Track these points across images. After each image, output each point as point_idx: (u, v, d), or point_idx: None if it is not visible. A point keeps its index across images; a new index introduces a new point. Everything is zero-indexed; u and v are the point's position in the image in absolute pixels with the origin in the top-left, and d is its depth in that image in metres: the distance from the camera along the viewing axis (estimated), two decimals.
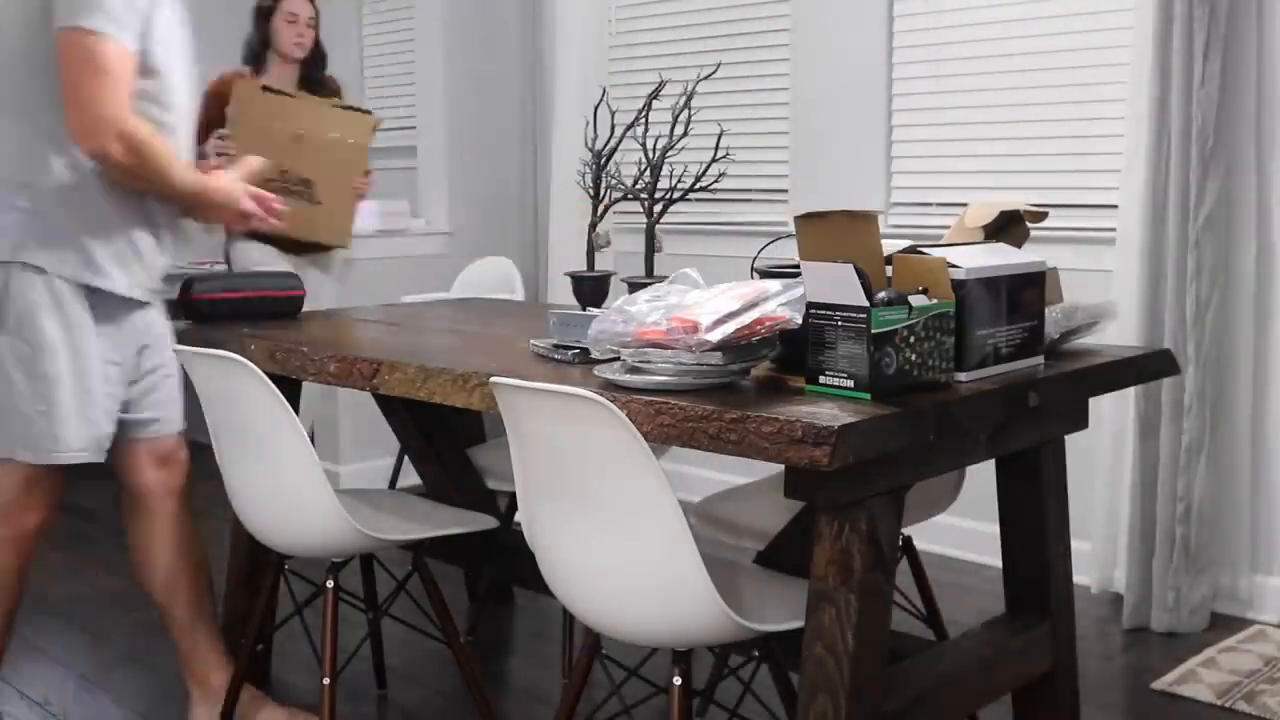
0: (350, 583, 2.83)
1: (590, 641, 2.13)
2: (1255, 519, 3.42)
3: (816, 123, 4.29)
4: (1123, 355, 2.28)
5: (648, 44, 4.79)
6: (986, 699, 2.27)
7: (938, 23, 3.98)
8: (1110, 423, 3.49)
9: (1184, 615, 3.33)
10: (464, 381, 2.11)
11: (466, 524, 2.59)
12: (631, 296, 2.01)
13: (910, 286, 1.89)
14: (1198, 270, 3.26)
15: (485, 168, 5.13)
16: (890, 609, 1.93)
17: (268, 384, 2.28)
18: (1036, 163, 3.80)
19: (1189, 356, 3.27)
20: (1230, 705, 2.88)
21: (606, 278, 2.63)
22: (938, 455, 1.97)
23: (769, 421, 1.70)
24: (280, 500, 2.39)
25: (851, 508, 1.82)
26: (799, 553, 2.06)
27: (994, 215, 2.27)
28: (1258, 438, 3.40)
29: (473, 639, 3.35)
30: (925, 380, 1.87)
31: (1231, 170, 3.29)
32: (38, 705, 2.96)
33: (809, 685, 1.86)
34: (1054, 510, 2.31)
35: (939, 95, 4.00)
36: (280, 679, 3.11)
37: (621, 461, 1.81)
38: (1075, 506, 2.47)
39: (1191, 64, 3.23)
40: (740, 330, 1.84)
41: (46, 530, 2.61)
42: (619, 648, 2.17)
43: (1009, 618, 2.37)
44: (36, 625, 3.44)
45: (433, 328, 2.79)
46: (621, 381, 1.90)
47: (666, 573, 1.86)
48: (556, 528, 1.97)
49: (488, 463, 3.05)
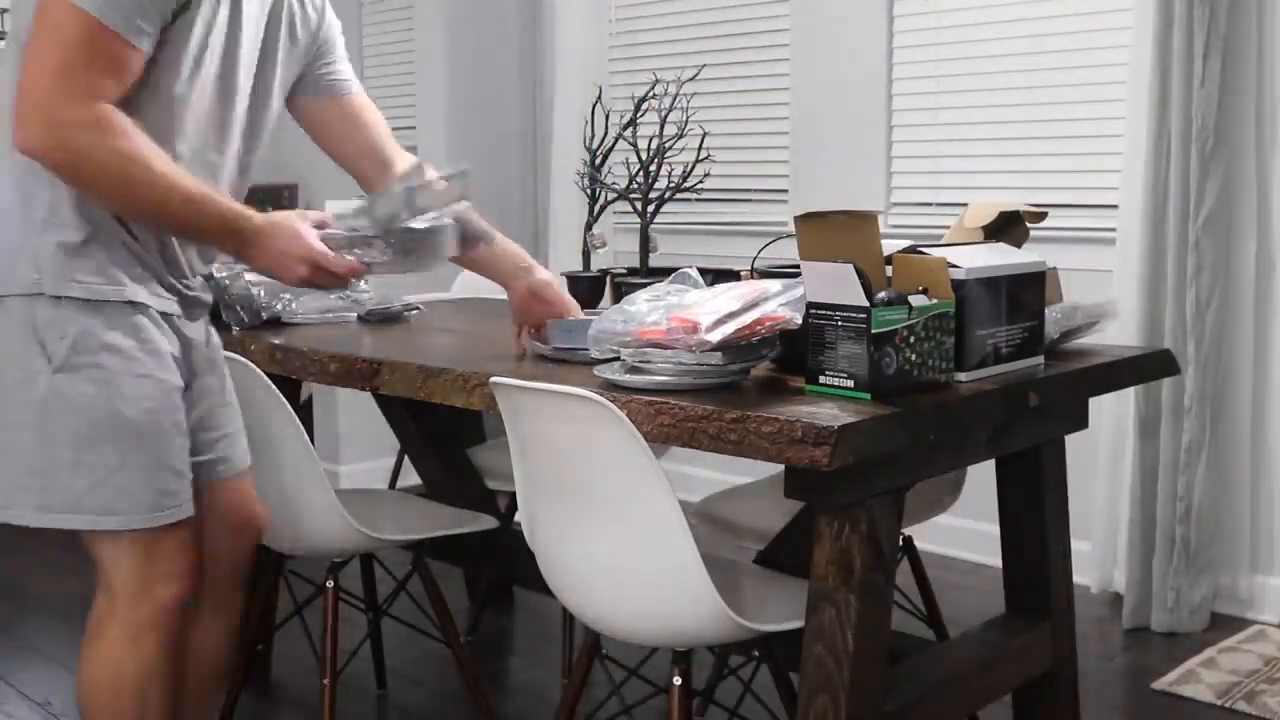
0: (350, 583, 2.84)
1: (590, 641, 2.13)
2: (1255, 519, 3.42)
3: (816, 123, 4.29)
4: (1123, 355, 2.28)
5: (648, 44, 4.78)
6: (986, 699, 2.27)
7: (938, 23, 3.98)
8: (1110, 423, 3.49)
9: (1184, 615, 3.33)
10: (464, 381, 2.11)
11: (466, 524, 2.59)
12: (631, 296, 2.01)
13: (910, 286, 1.89)
14: (1198, 270, 3.26)
15: (485, 168, 5.13)
16: (890, 609, 1.93)
17: (268, 384, 2.28)
18: (1036, 163, 3.80)
19: (1189, 356, 3.27)
20: (1230, 705, 2.88)
21: (603, 278, 2.63)
22: (938, 455, 1.97)
23: (769, 421, 1.70)
24: (280, 500, 2.39)
25: (851, 508, 1.82)
26: (799, 553, 2.06)
27: (994, 215, 2.27)
28: (1258, 438, 3.40)
29: (473, 639, 3.35)
30: (925, 380, 1.87)
31: (1231, 170, 3.29)
32: (38, 705, 2.96)
33: (809, 685, 1.86)
34: (1054, 510, 2.31)
35: (939, 95, 4.00)
36: (280, 679, 3.11)
37: (621, 461, 1.81)
38: (1075, 506, 2.47)
39: (1191, 64, 3.23)
40: (740, 330, 1.84)
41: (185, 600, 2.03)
42: (619, 648, 2.17)
43: (1009, 618, 2.36)
44: (36, 625, 3.44)
45: (433, 328, 2.79)
46: (621, 381, 1.90)
47: (666, 573, 1.86)
48: (556, 528, 1.97)
49: (488, 463, 3.05)
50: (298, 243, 1.94)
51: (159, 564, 1.97)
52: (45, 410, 1.87)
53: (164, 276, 1.98)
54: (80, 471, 1.88)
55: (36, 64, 1.77)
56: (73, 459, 1.88)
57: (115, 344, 1.89)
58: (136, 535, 1.93)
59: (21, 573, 3.89)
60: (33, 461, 1.89)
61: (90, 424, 1.87)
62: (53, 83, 1.76)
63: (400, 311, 2.78)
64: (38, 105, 1.77)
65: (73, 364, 1.86)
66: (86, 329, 1.87)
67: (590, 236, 2.87)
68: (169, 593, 1.98)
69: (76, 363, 1.86)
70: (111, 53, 1.79)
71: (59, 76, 1.76)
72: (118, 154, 1.80)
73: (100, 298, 1.88)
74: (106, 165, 1.80)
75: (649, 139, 2.77)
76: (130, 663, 1.97)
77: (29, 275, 1.86)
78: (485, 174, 5.13)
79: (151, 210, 1.87)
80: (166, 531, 1.96)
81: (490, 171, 5.15)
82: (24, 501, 1.91)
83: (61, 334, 1.86)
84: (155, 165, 1.83)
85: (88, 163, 1.80)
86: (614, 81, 4.74)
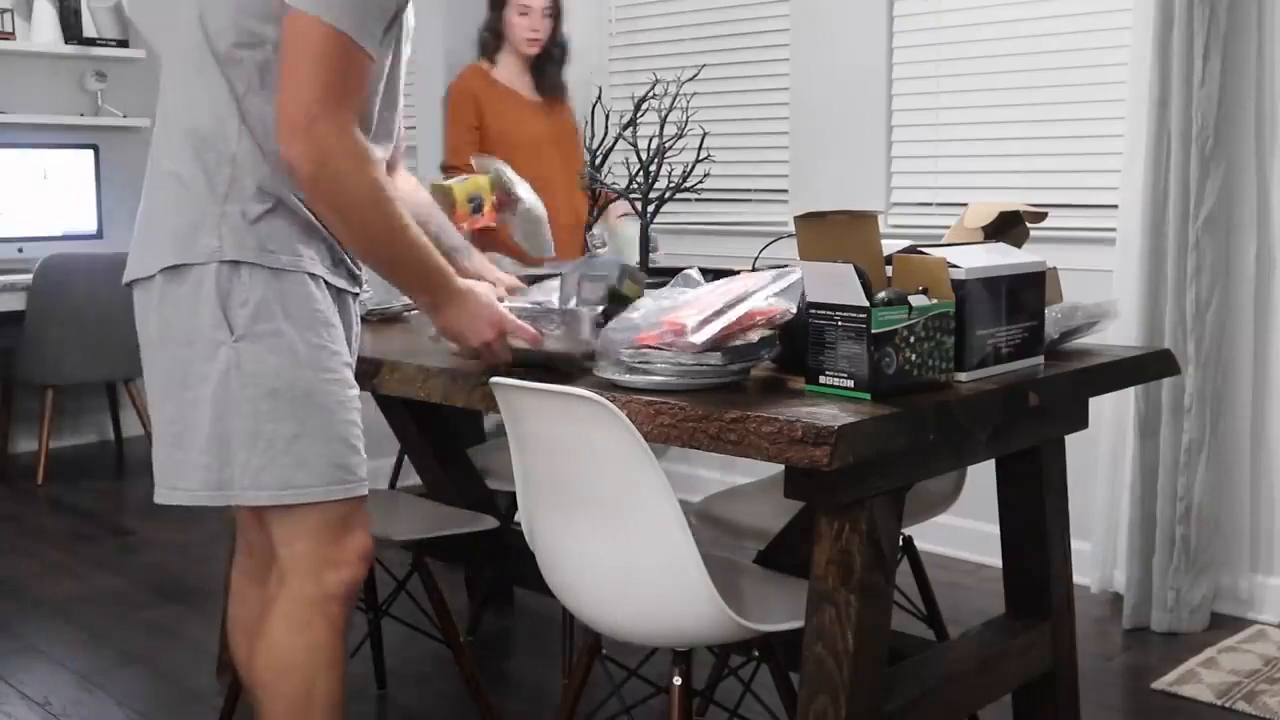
0: None
1: (590, 641, 2.13)
2: (1255, 519, 3.42)
3: (816, 123, 4.29)
4: (1123, 355, 2.28)
5: (648, 44, 4.79)
6: (986, 699, 2.27)
7: (938, 23, 3.99)
8: (1110, 423, 3.49)
9: (1184, 615, 3.33)
10: (464, 381, 2.11)
11: (466, 524, 2.59)
12: (636, 304, 2.00)
13: (910, 286, 1.89)
14: (1198, 270, 3.26)
15: None
16: (890, 609, 1.93)
17: None
18: (1036, 163, 3.80)
19: (1189, 356, 3.27)
20: (1230, 705, 2.88)
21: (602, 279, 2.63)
22: (938, 455, 1.97)
23: (769, 421, 1.70)
24: None
25: (851, 508, 1.82)
26: (799, 553, 2.06)
27: (994, 215, 2.27)
28: (1258, 438, 3.40)
29: (473, 639, 3.35)
30: (925, 380, 1.87)
31: (1231, 170, 3.29)
32: (38, 705, 2.96)
33: (809, 685, 1.86)
34: (1054, 510, 2.31)
35: (939, 95, 4.01)
36: None
37: (621, 461, 1.81)
38: (1075, 506, 2.47)
39: (1191, 64, 3.23)
40: (728, 327, 1.83)
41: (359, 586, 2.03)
42: (619, 648, 2.17)
43: (1009, 618, 2.37)
44: (36, 625, 3.44)
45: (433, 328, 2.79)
46: (621, 381, 1.90)
47: (666, 573, 1.86)
48: (556, 528, 1.97)
49: (488, 463, 3.05)
50: (492, 309, 2.02)
51: (332, 546, 1.96)
52: (225, 381, 1.87)
53: (337, 252, 1.99)
54: (259, 445, 1.88)
55: (298, 82, 1.80)
56: (252, 430, 1.87)
57: (295, 313, 1.89)
58: (311, 511, 1.92)
59: (21, 573, 3.89)
60: (209, 437, 1.88)
61: (270, 394, 1.87)
62: (318, 102, 1.79)
63: (400, 311, 2.78)
64: (307, 127, 1.80)
65: (255, 332, 1.87)
66: (266, 297, 1.87)
67: (590, 236, 2.87)
68: (339, 576, 1.97)
69: (258, 330, 1.87)
70: (361, 69, 1.86)
71: (323, 95, 1.80)
72: (373, 185, 1.86)
73: (280, 266, 1.89)
74: (360, 194, 1.85)
75: (649, 139, 2.77)
76: (299, 646, 1.96)
77: (210, 244, 1.87)
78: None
79: (381, 243, 1.91)
80: (343, 509, 1.95)
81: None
82: (200, 480, 1.90)
83: (243, 301, 1.87)
84: (396, 203, 1.89)
85: (345, 191, 1.84)
86: (614, 81, 4.74)
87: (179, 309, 1.89)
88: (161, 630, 3.40)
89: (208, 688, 3.05)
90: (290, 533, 1.95)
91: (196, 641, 3.33)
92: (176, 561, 4.00)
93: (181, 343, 1.89)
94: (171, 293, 1.90)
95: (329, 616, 1.97)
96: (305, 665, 1.96)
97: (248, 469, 1.89)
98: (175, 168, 1.92)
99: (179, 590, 3.74)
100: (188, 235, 1.89)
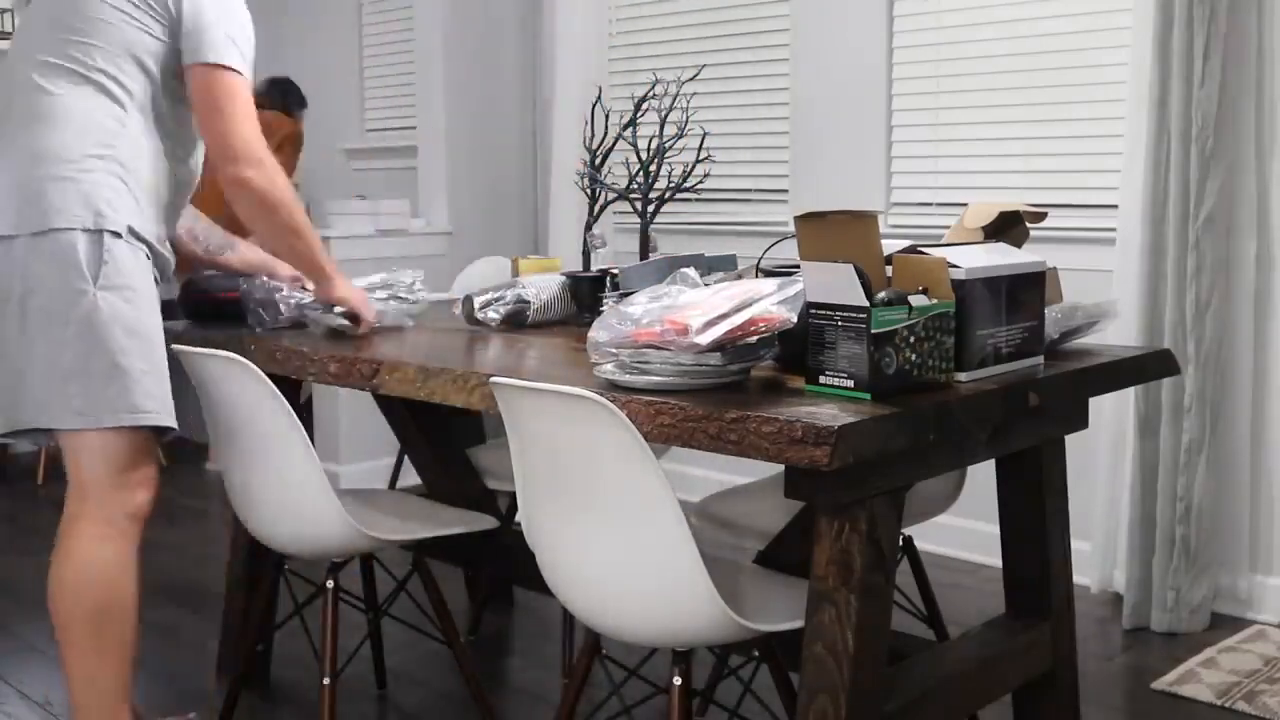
0: (350, 583, 2.84)
1: (590, 641, 2.13)
2: (1255, 519, 3.42)
3: (816, 123, 4.29)
4: (1123, 355, 2.28)
5: (648, 44, 4.79)
6: (986, 699, 2.27)
7: (938, 23, 3.98)
8: (1110, 423, 3.49)
9: (1184, 615, 3.33)
10: (464, 381, 2.11)
11: (466, 524, 2.59)
12: (631, 297, 2.00)
13: (910, 286, 1.89)
14: (1198, 270, 3.26)
15: (485, 168, 5.13)
16: (890, 609, 1.93)
17: (268, 384, 2.28)
18: (1036, 163, 3.80)
19: (1189, 356, 3.27)
20: (1230, 705, 2.88)
21: (602, 278, 2.63)
22: (938, 455, 1.97)
23: (769, 421, 1.70)
24: (281, 500, 2.40)
25: (851, 508, 1.82)
26: (799, 553, 2.06)
27: (994, 215, 2.27)
28: (1258, 438, 3.40)
29: (473, 639, 3.35)
30: (925, 380, 1.87)
31: (1231, 170, 3.29)
32: (38, 705, 2.96)
33: (809, 685, 1.86)
34: (1054, 510, 2.31)
35: (939, 95, 4.00)
36: (280, 679, 3.11)
37: (621, 461, 1.81)
38: (1075, 506, 2.47)
39: (1191, 64, 3.23)
40: (732, 332, 1.83)
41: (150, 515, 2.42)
42: (619, 648, 2.17)
43: (1009, 618, 2.37)
44: (36, 625, 3.44)
45: (433, 328, 2.79)
46: (621, 381, 1.90)
47: (666, 573, 1.86)
48: (556, 528, 1.97)
49: (488, 463, 3.05)
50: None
51: (139, 467, 2.36)
52: (89, 323, 2.27)
53: (165, 239, 2.47)
54: (115, 376, 2.29)
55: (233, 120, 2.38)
56: (108, 365, 2.28)
57: (141, 274, 2.36)
58: (123, 435, 2.32)
59: (21, 573, 3.89)
60: (72, 371, 2.27)
61: (126, 332, 2.30)
62: (252, 132, 2.40)
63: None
64: (252, 153, 2.39)
65: (114, 284, 2.30)
66: (121, 259, 2.31)
67: (590, 236, 2.87)
68: (146, 496, 2.39)
69: (116, 283, 2.30)
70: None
71: (252, 126, 2.40)
72: (288, 190, 2.48)
73: (131, 238, 2.34)
74: (283, 199, 2.46)
75: (649, 139, 2.77)
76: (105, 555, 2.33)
77: (75, 212, 2.29)
78: (485, 174, 5.13)
79: (291, 235, 2.50)
80: (149, 436, 2.38)
81: (490, 171, 5.15)
82: (64, 407, 2.29)
83: (104, 260, 2.29)
84: (298, 205, 2.51)
85: (275, 197, 2.44)
86: (614, 81, 4.74)
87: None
88: (161, 630, 3.40)
89: (208, 688, 3.05)
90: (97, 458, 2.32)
91: (196, 641, 3.33)
92: (176, 562, 4.00)
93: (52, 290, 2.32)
94: None
95: (130, 533, 2.36)
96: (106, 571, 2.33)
97: (102, 398, 2.29)
98: None
99: (179, 590, 3.74)
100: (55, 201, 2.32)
